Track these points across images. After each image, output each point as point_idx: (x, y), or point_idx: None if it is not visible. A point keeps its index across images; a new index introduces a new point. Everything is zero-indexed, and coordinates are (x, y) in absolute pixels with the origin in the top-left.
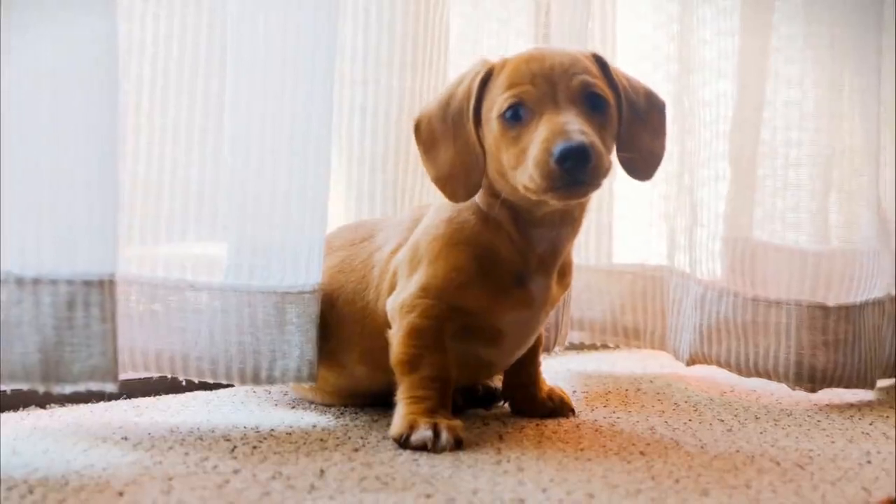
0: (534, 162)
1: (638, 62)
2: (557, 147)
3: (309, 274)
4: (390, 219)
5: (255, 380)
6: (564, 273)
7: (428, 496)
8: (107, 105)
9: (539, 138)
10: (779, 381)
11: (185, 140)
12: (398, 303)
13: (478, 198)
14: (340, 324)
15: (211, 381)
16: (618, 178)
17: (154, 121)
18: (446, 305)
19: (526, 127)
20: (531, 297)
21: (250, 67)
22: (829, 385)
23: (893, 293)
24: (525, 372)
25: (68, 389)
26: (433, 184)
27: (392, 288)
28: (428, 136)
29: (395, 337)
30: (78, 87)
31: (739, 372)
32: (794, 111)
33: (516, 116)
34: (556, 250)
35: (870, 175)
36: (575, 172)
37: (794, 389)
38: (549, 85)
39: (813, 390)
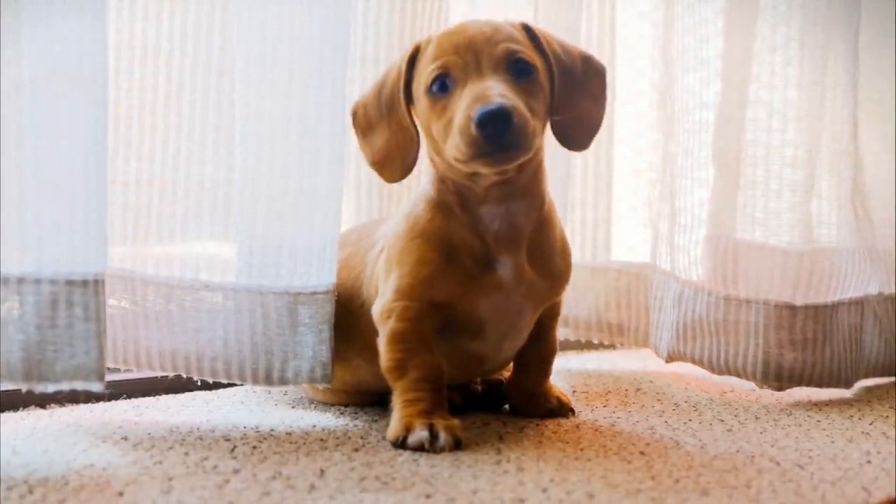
0: (458, 130)
1: (635, 60)
2: (477, 112)
3: (322, 274)
4: (389, 217)
5: (268, 380)
6: (547, 260)
7: (428, 496)
8: (94, 105)
9: (462, 105)
10: (747, 379)
11: (199, 139)
12: (378, 310)
13: (430, 186)
14: (344, 318)
15: (225, 381)
16: (615, 177)
17: (169, 120)
18: (421, 304)
19: (451, 97)
20: (500, 279)
21: (260, 65)
22: (798, 384)
23: (887, 292)
24: (531, 373)
25: (51, 388)
26: (370, 167)
27: (377, 291)
28: (364, 122)
29: (381, 344)
30: (62, 86)
31: (712, 370)
32: (774, 111)
33: (443, 88)
34: (514, 227)
35: (846, 174)
36: (497, 137)
37: (761, 388)
38: (472, 54)
39: (780, 389)
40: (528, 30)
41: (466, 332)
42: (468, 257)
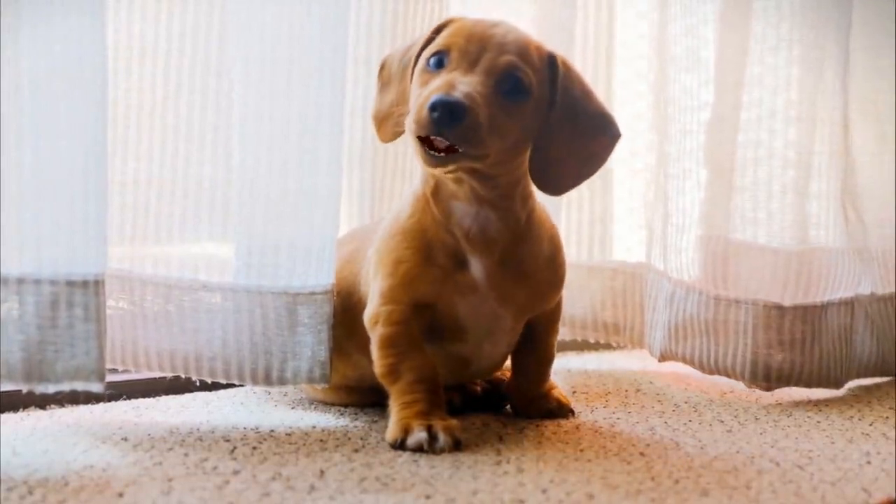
0: (416, 105)
1: (634, 60)
2: (434, 96)
3: (320, 274)
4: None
5: (267, 380)
6: (528, 272)
7: (428, 497)
8: (94, 105)
9: (433, 85)
10: (736, 379)
11: (198, 139)
12: (367, 315)
13: (419, 179)
14: (345, 313)
15: (224, 381)
16: (614, 179)
17: (167, 120)
18: (406, 305)
19: (438, 75)
20: (472, 279)
21: (259, 65)
22: (787, 384)
23: (880, 293)
24: (529, 376)
25: (52, 389)
26: (372, 120)
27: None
28: (387, 76)
29: (373, 350)
30: (62, 86)
31: (702, 369)
32: (768, 112)
33: (439, 64)
34: (485, 232)
35: (836, 175)
36: (440, 125)
37: (749, 388)
38: (478, 49)
39: (769, 389)
40: (551, 59)
41: (448, 333)
42: (442, 254)
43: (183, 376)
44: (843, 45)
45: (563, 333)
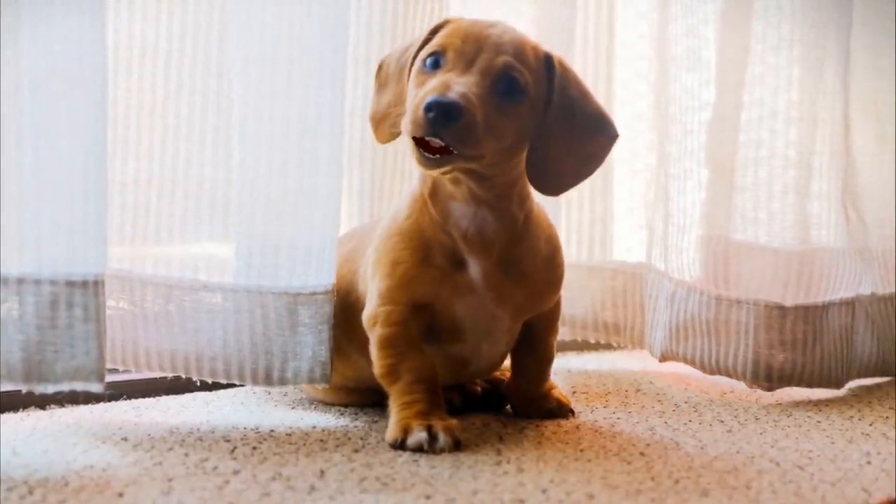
0: (412, 106)
1: (634, 60)
2: (430, 96)
3: (321, 274)
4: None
5: (268, 381)
6: (525, 273)
7: (428, 497)
8: (94, 105)
9: (429, 86)
10: (738, 379)
11: (198, 139)
12: (365, 316)
13: (417, 180)
14: (343, 312)
15: (224, 381)
16: (614, 179)
17: (168, 120)
18: (404, 306)
19: (434, 75)
20: (470, 280)
21: (259, 65)
22: (788, 384)
23: (881, 292)
24: (529, 377)
25: (51, 389)
26: (369, 121)
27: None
28: (384, 77)
29: (372, 351)
30: (62, 86)
31: (703, 369)
32: (769, 112)
33: (435, 64)
34: (482, 233)
35: (837, 175)
36: (436, 125)
37: (751, 388)
38: (474, 49)
39: (770, 389)
40: (548, 59)
41: (446, 334)
42: (440, 254)
43: (183, 376)
44: (843, 44)
45: (563, 333)
